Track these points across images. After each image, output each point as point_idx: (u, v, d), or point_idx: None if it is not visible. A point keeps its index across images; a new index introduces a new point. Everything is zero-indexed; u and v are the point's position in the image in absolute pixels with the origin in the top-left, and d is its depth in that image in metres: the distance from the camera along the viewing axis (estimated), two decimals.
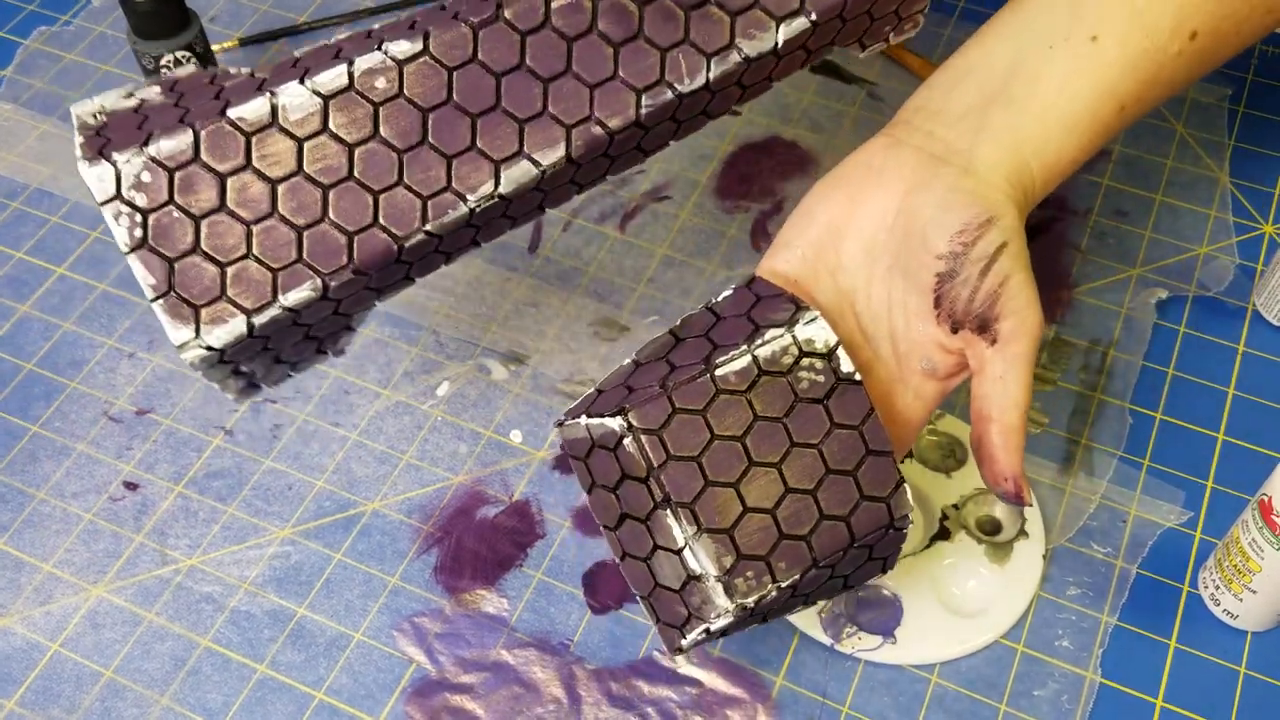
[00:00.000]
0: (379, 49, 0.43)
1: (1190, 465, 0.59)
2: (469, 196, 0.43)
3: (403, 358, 0.64)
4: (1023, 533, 0.56)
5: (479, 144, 0.44)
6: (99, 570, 0.58)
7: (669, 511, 0.43)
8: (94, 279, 0.68)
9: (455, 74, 0.44)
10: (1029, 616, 0.55)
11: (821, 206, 0.49)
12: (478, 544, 0.58)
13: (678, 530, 0.43)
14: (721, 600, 0.43)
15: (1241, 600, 0.53)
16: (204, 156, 0.42)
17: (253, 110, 0.42)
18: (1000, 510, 0.57)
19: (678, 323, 0.48)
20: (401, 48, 0.43)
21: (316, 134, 0.43)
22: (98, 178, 0.42)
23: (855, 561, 0.46)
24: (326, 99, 0.43)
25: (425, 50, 0.43)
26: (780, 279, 0.49)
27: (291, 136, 0.42)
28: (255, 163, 0.42)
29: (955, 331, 0.46)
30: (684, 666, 0.54)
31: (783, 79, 0.49)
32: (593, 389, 0.47)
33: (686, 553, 0.43)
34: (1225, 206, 0.69)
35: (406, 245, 0.43)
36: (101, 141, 0.43)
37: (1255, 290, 0.65)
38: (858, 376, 0.46)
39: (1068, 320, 0.64)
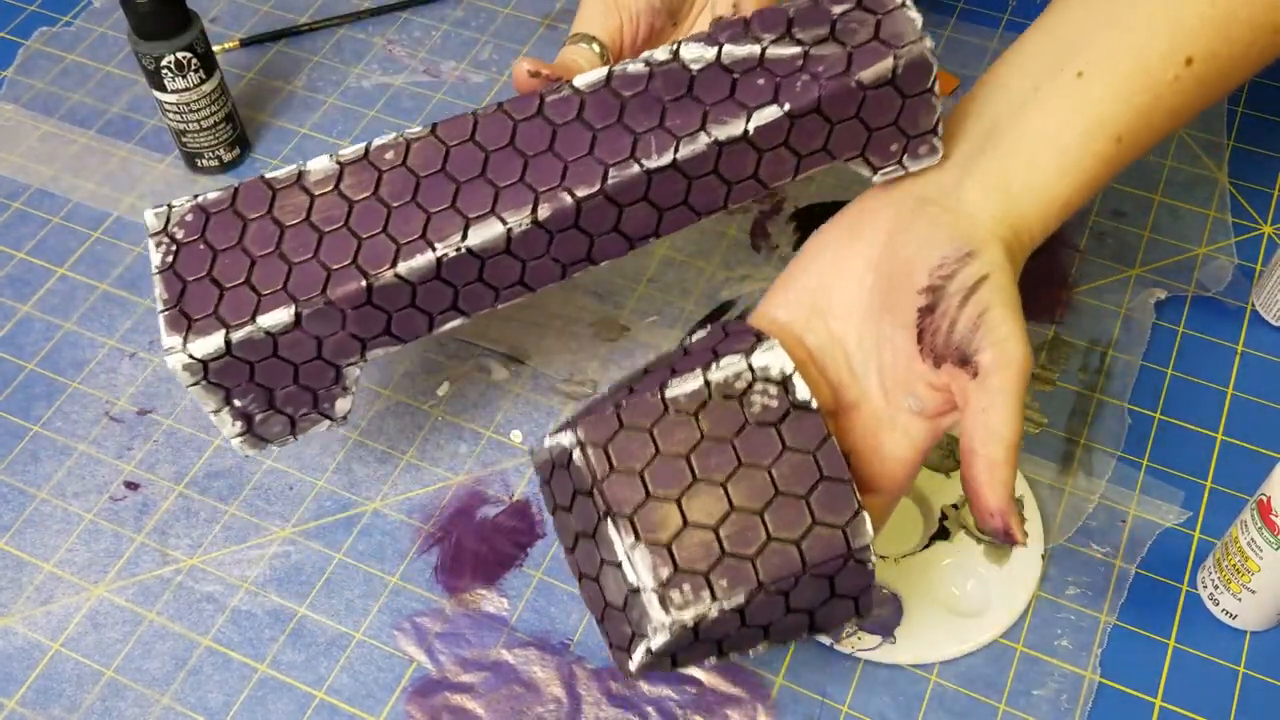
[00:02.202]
0: (399, 134, 0.50)
1: (1189, 465, 0.60)
2: (437, 245, 0.47)
3: (403, 358, 0.65)
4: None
5: (457, 204, 0.48)
6: (100, 570, 0.58)
7: (610, 522, 0.44)
8: (95, 279, 0.68)
9: (452, 150, 0.49)
10: (1028, 616, 0.55)
11: (816, 252, 0.50)
12: (478, 544, 0.58)
13: (618, 541, 0.43)
14: (657, 613, 0.43)
15: (1240, 600, 0.53)
16: (237, 205, 0.49)
17: (284, 172, 0.50)
18: None
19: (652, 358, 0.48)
20: (414, 130, 0.50)
21: (327, 192, 0.49)
22: (153, 215, 0.50)
23: (816, 594, 0.45)
24: (343, 165, 0.49)
25: (433, 132, 0.50)
26: (770, 324, 0.49)
27: (307, 192, 0.49)
28: (274, 211, 0.49)
29: (938, 366, 0.46)
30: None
31: (777, 182, 0.50)
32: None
33: (625, 564, 0.43)
34: (1224, 207, 0.69)
35: (375, 285, 0.47)
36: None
37: (1254, 290, 0.65)
38: (814, 404, 0.45)
39: (1067, 320, 0.65)
